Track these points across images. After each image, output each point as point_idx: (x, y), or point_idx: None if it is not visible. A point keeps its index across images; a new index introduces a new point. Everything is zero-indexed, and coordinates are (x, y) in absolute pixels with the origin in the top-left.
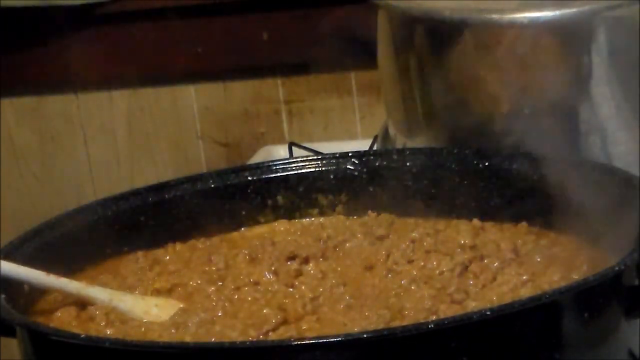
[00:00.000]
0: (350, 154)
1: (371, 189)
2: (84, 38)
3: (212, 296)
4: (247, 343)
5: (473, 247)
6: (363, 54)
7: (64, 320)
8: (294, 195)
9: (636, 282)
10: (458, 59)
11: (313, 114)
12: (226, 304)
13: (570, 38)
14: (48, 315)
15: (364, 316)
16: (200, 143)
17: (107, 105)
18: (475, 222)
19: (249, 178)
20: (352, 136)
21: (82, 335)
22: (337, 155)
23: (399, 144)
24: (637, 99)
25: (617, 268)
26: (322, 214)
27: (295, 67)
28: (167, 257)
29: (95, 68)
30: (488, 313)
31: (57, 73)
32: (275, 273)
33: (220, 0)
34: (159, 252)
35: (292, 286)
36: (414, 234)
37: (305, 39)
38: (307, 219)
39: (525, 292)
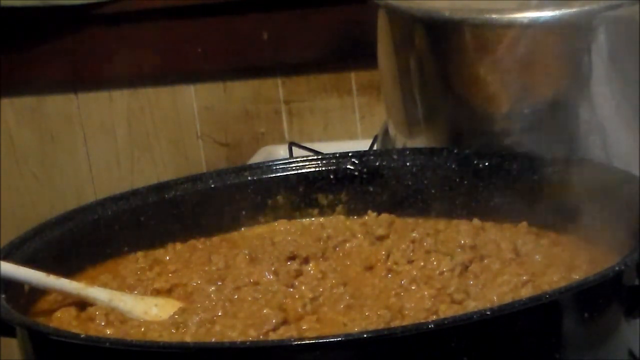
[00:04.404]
0: (350, 154)
1: (371, 189)
2: (84, 38)
3: (212, 296)
4: (247, 343)
5: (473, 247)
6: (363, 54)
7: (64, 320)
8: (294, 195)
9: (636, 282)
10: (458, 59)
11: (313, 114)
12: (226, 304)
13: (570, 38)
14: (48, 315)
15: (364, 316)
16: (200, 143)
17: (107, 105)
18: (475, 222)
19: (249, 178)
20: (352, 136)
21: (82, 335)
22: (337, 155)
23: (399, 144)
24: (637, 99)
25: (617, 268)
26: (322, 214)
27: (295, 67)
28: (167, 257)
29: (95, 68)
30: (488, 313)
31: (57, 73)
32: (275, 273)
33: (220, 0)
34: (159, 252)
35: (292, 286)
36: (414, 234)
37: (305, 39)
38: (307, 219)
39: (525, 292)
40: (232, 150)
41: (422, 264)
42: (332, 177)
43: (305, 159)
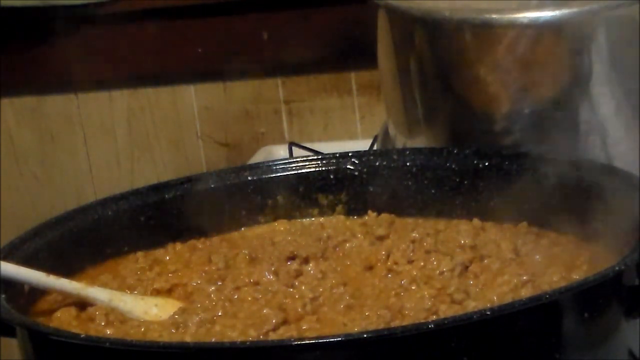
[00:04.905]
0: (350, 154)
1: (371, 189)
2: (84, 38)
3: (212, 296)
4: (247, 343)
5: (473, 247)
6: (363, 54)
7: (64, 320)
8: (294, 195)
9: (636, 282)
10: (458, 59)
11: (313, 114)
12: (226, 304)
13: (570, 38)
14: (48, 315)
15: (364, 316)
16: (200, 143)
17: (107, 105)
18: (475, 222)
19: (249, 178)
20: (352, 136)
21: (82, 335)
22: (337, 155)
23: (399, 144)
24: (637, 99)
25: (617, 268)
26: (322, 214)
27: (295, 67)
28: (167, 257)
29: (95, 68)
30: (488, 313)
31: (57, 73)
32: (275, 273)
33: (220, 0)
34: (159, 252)
35: (292, 286)
36: (414, 234)
37: (305, 39)
38: (307, 219)
39: (525, 292)
40: (232, 150)
41: (422, 264)
42: (332, 177)
43: (305, 159)
